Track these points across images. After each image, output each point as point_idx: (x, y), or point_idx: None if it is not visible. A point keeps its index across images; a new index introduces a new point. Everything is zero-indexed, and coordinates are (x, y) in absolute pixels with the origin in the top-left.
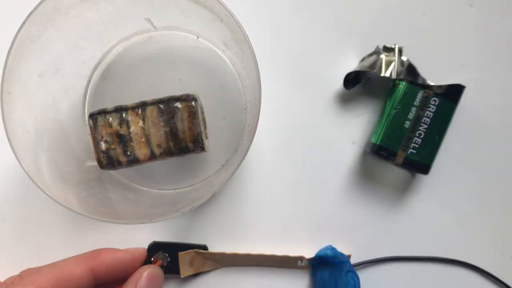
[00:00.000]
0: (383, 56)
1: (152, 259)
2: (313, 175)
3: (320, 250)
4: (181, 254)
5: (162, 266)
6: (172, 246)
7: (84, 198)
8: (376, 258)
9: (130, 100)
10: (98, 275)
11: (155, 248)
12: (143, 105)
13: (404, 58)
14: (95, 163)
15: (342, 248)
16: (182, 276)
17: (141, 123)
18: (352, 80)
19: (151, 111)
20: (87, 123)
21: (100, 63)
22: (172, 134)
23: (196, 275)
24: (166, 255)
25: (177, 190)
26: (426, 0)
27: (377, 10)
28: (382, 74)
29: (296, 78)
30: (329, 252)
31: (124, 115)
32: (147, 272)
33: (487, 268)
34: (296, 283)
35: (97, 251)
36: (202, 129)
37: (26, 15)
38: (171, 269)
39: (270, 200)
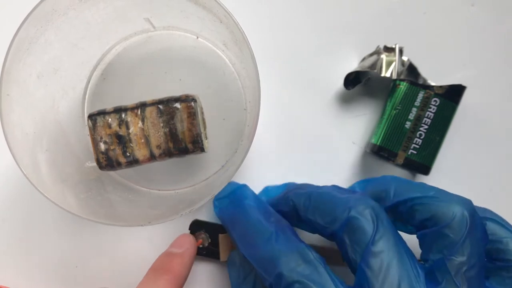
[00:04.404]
0: (383, 56)
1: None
2: (313, 176)
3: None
4: (221, 236)
5: (202, 247)
6: (213, 226)
7: (83, 199)
8: None
9: (129, 100)
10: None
11: (196, 226)
12: (142, 105)
13: (404, 58)
14: (94, 164)
15: None
16: (221, 260)
17: (140, 124)
18: (352, 80)
19: (150, 111)
20: (86, 123)
21: (100, 63)
22: (172, 135)
23: None
24: (207, 236)
25: (176, 191)
26: (427, 0)
27: (377, 10)
28: (383, 74)
29: (296, 78)
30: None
31: (123, 115)
32: None
33: None
34: None
35: (168, 265)
36: (202, 129)
37: (25, 16)
38: (211, 252)
39: None
